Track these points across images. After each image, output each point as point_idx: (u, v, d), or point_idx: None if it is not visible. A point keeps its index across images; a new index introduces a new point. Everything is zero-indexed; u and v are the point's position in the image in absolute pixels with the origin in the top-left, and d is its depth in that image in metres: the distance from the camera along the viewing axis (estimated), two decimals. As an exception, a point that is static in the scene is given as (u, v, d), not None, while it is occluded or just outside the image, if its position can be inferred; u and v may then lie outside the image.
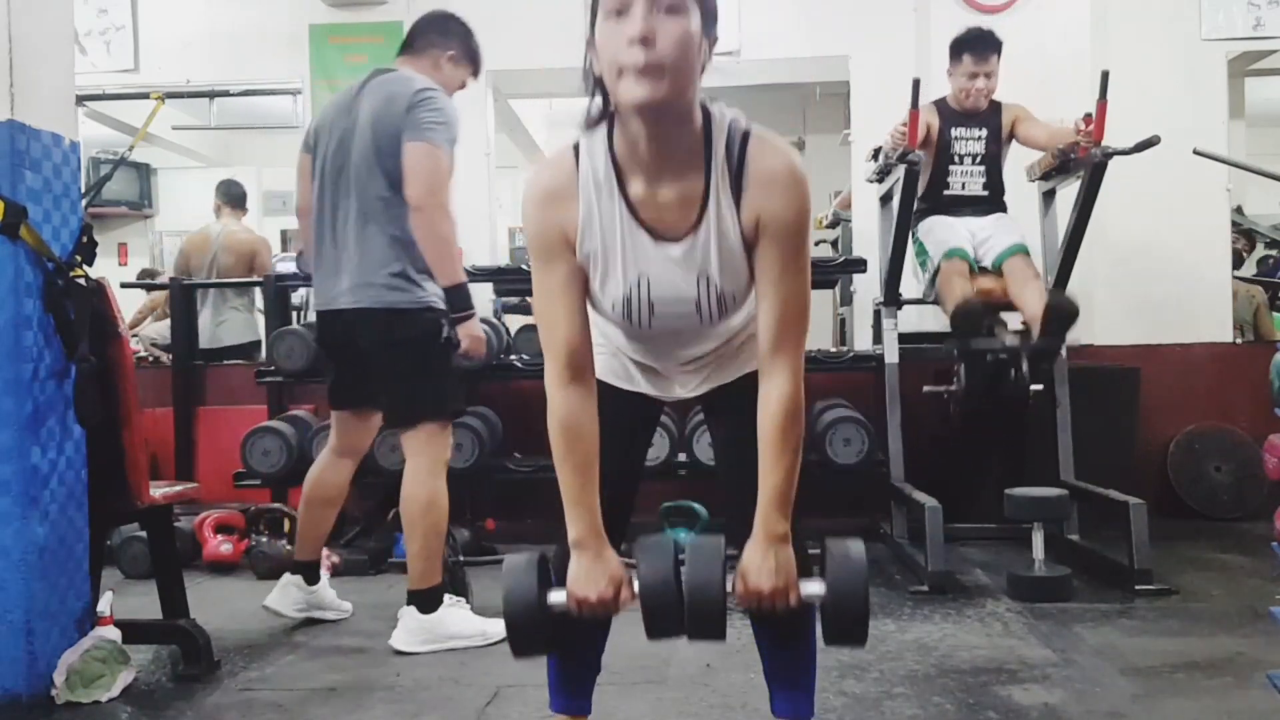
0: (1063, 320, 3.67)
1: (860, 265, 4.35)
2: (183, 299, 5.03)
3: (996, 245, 4.03)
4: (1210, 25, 4.95)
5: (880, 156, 4.13)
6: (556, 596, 1.61)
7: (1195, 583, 3.49)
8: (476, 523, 4.31)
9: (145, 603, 2.98)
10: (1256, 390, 3.25)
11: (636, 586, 1.58)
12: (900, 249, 4.11)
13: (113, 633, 2.60)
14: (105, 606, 2.63)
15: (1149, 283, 4.93)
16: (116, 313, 2.65)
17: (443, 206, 2.87)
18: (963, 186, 4.16)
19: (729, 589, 1.56)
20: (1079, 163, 3.80)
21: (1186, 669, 2.62)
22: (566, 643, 1.79)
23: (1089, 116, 3.70)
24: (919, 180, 3.94)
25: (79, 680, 2.48)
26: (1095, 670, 2.62)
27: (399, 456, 3.09)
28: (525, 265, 4.56)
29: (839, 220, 6.50)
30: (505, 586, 1.60)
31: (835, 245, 6.65)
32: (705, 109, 1.55)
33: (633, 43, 1.42)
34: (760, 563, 1.56)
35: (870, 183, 4.43)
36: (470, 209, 5.21)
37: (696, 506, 4.10)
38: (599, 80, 1.52)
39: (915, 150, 3.76)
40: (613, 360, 1.80)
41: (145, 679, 2.69)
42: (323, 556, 3.28)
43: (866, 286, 4.89)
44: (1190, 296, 4.94)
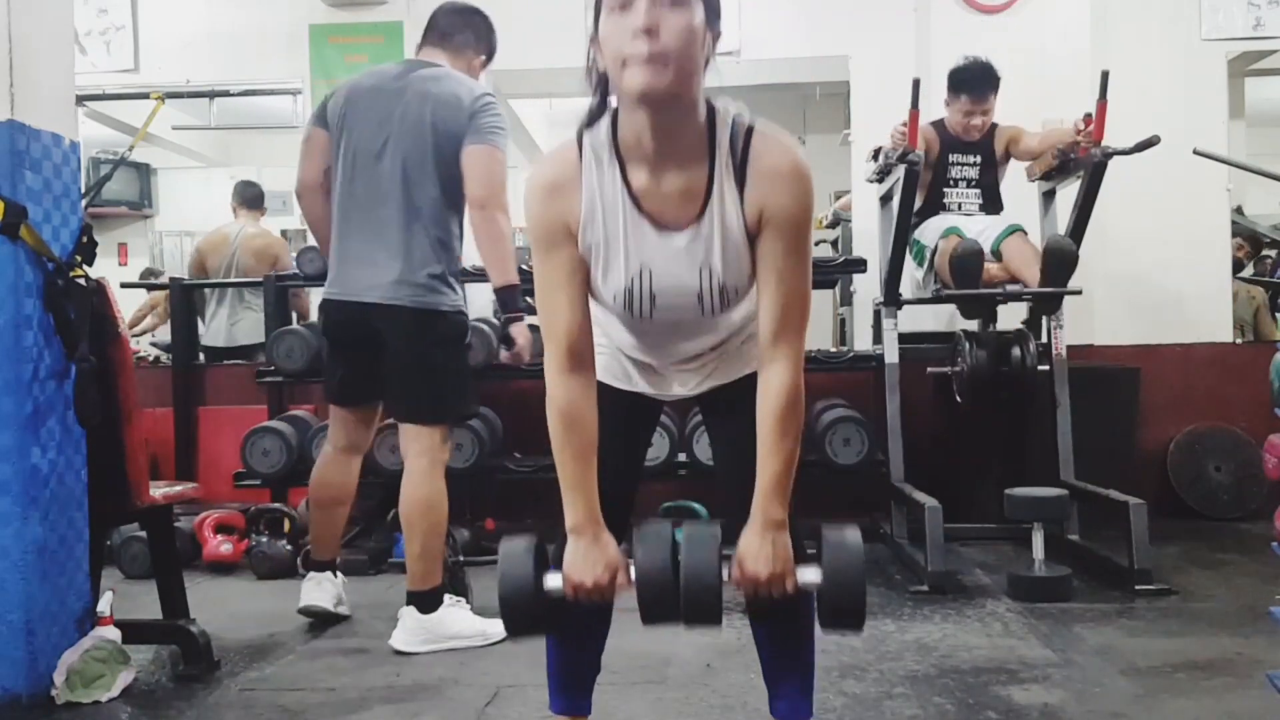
0: (1062, 263, 3.73)
1: (860, 265, 4.35)
2: (183, 299, 5.03)
3: (994, 230, 4.06)
4: (1210, 25, 4.96)
5: (880, 156, 4.12)
6: (553, 580, 1.61)
7: (1195, 583, 3.49)
8: (476, 523, 4.31)
9: (145, 603, 2.98)
10: (1256, 390, 3.25)
11: (633, 573, 1.57)
12: (900, 249, 4.11)
13: (113, 633, 2.60)
14: (105, 606, 2.63)
15: (1149, 283, 4.93)
16: (116, 313, 2.65)
17: (504, 207, 2.95)
18: (959, 208, 4.20)
19: (725, 576, 1.56)
20: (1079, 163, 3.80)
21: (1186, 669, 2.62)
22: (566, 632, 1.79)
23: (1089, 116, 3.70)
24: (916, 194, 3.95)
25: (79, 680, 2.48)
26: (1095, 670, 2.62)
27: (399, 457, 3.09)
28: (525, 265, 4.55)
29: (839, 220, 6.50)
30: (501, 568, 1.60)
31: (835, 245, 6.65)
32: (709, 103, 1.56)
33: (637, 34, 1.43)
34: (758, 549, 1.57)
35: (870, 183, 4.43)
36: (470, 209, 5.21)
37: (696, 506, 4.11)
38: (602, 76, 1.53)
39: (915, 150, 3.77)
40: (611, 361, 1.80)
41: (145, 679, 2.69)
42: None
43: (866, 286, 4.88)
44: (1190, 296, 4.94)
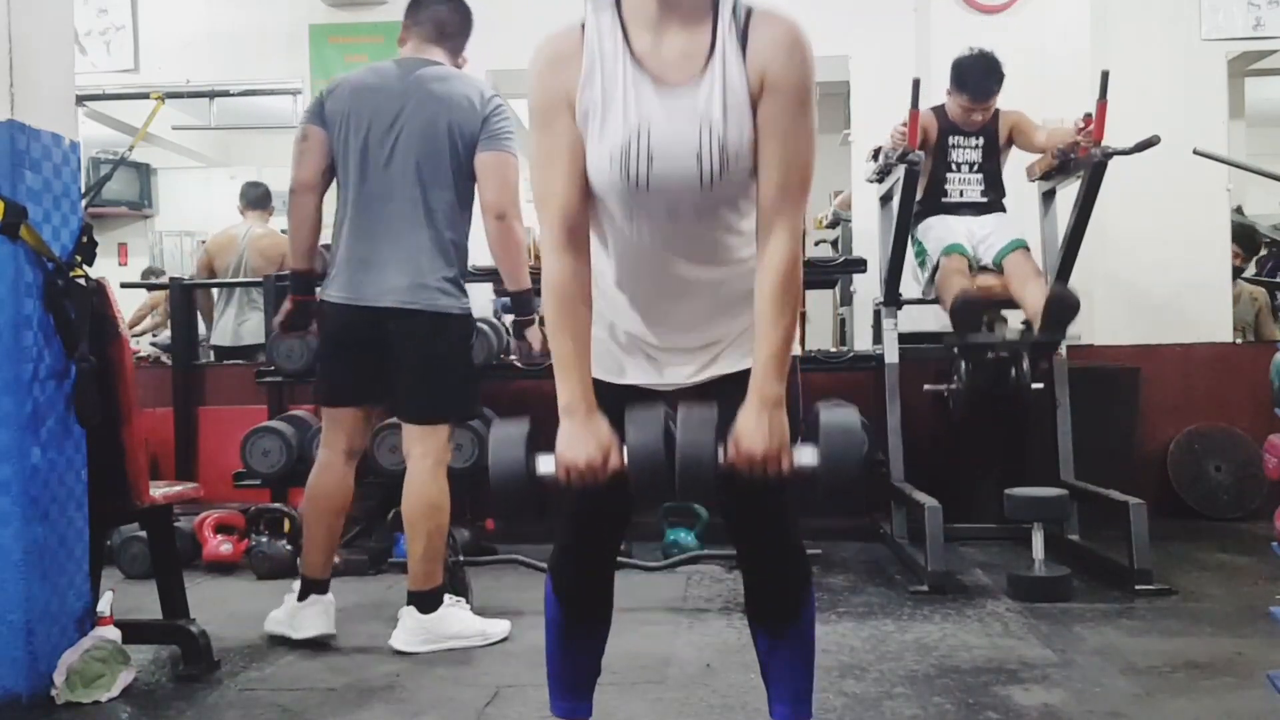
0: (1064, 312, 3.66)
1: (860, 265, 4.35)
2: (183, 299, 5.03)
3: (996, 242, 4.04)
4: (1210, 25, 4.96)
5: (880, 156, 4.12)
6: (545, 464, 1.58)
7: (1195, 583, 3.49)
8: (476, 523, 4.31)
9: (145, 603, 2.98)
10: (1256, 390, 3.25)
11: (626, 455, 1.55)
12: (900, 249, 4.11)
13: (113, 633, 2.60)
14: (105, 606, 2.62)
15: (1149, 283, 4.93)
16: (116, 313, 2.65)
17: (520, 215, 2.95)
18: (960, 194, 4.17)
19: (720, 458, 1.53)
20: (1079, 163, 3.80)
21: (1186, 669, 2.62)
22: (568, 533, 1.77)
23: (1089, 116, 3.70)
24: (917, 184, 3.94)
25: (79, 680, 2.48)
26: (1095, 670, 2.62)
27: (399, 457, 3.08)
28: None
29: (839, 220, 6.49)
30: (493, 452, 1.57)
31: (835, 245, 6.65)
32: None
33: None
34: (754, 425, 1.54)
35: (870, 183, 4.43)
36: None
37: (696, 506, 4.10)
38: None
39: (915, 150, 3.77)
40: (603, 353, 1.76)
41: (145, 679, 2.69)
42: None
43: (866, 286, 4.88)
44: (1190, 296, 4.94)
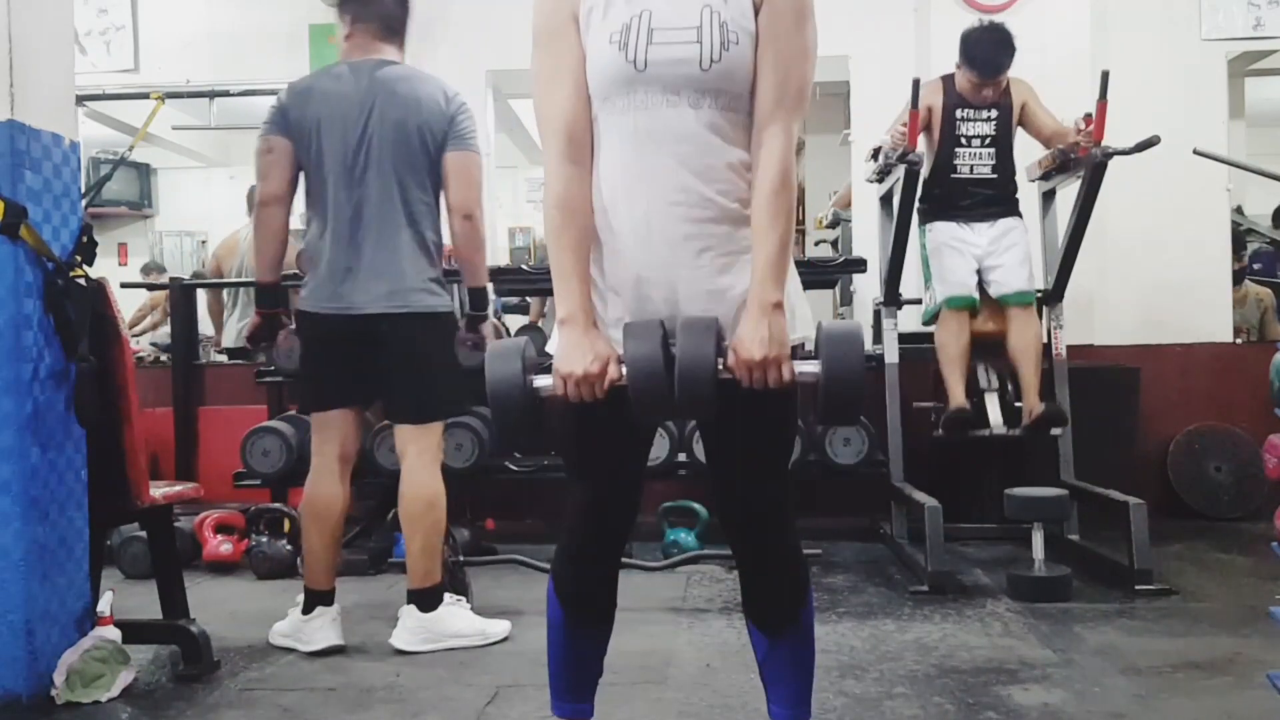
0: (1052, 425, 3.90)
1: (860, 265, 4.35)
2: (183, 299, 5.03)
3: (1004, 283, 3.98)
4: (1210, 25, 4.96)
5: (880, 156, 4.11)
6: (542, 380, 1.57)
7: (1195, 583, 3.49)
8: (476, 523, 4.31)
9: (145, 603, 2.98)
10: (1256, 390, 3.25)
11: (624, 368, 1.54)
12: (900, 249, 4.10)
13: (113, 633, 2.60)
14: (105, 606, 2.63)
15: (1149, 283, 4.93)
16: (116, 313, 2.65)
17: (483, 213, 3.03)
18: (971, 170, 4.02)
19: (720, 366, 1.52)
20: (1079, 163, 3.80)
21: (1186, 669, 2.62)
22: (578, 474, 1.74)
23: (1089, 116, 3.70)
24: (925, 163, 3.91)
25: (79, 680, 2.48)
26: (1095, 670, 2.62)
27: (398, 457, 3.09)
28: (525, 265, 4.58)
29: (839, 220, 6.50)
30: (490, 369, 1.56)
31: (835, 245, 6.65)
32: None
33: None
34: (754, 332, 1.53)
35: (870, 183, 4.43)
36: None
37: (696, 506, 4.10)
38: None
39: (915, 150, 3.76)
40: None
41: (145, 679, 2.69)
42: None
43: (866, 286, 4.89)
44: (1190, 296, 4.94)
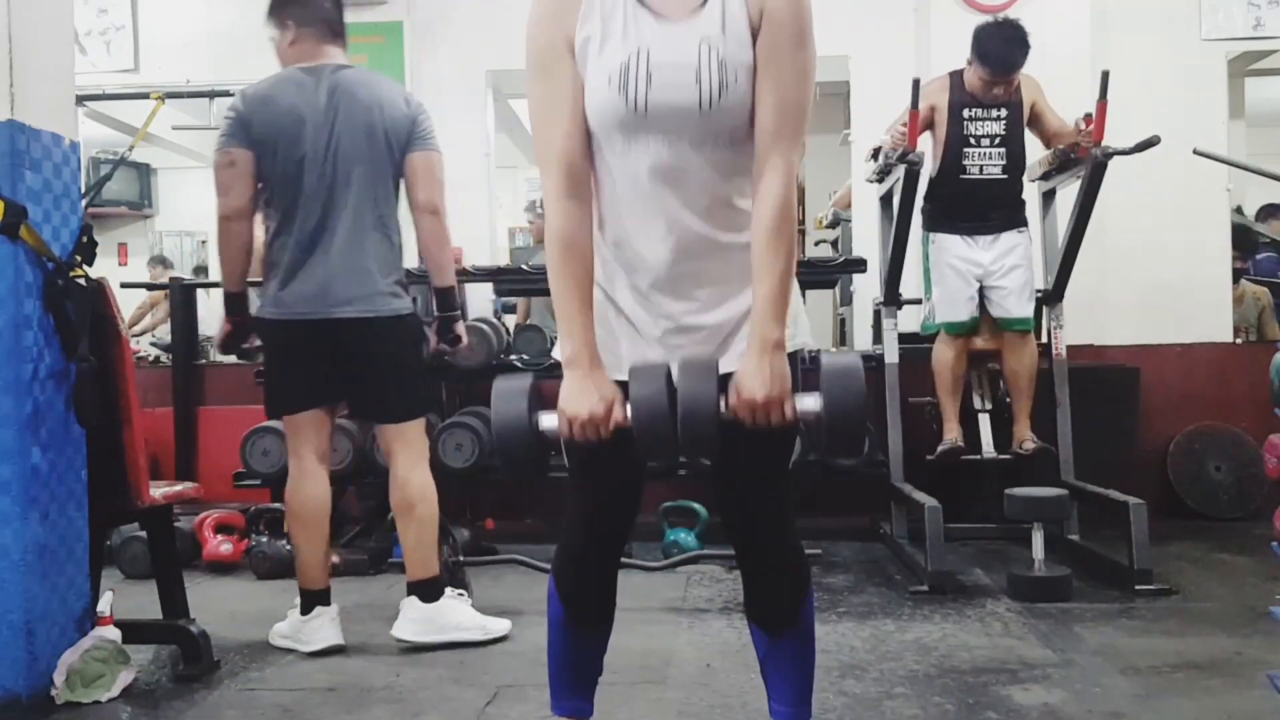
0: (1041, 461, 3.99)
1: (860, 265, 4.34)
2: (183, 299, 5.04)
3: (1006, 307, 3.97)
4: (1210, 25, 4.96)
5: (880, 156, 4.11)
6: (547, 419, 1.57)
7: (1195, 583, 3.49)
8: (476, 523, 4.31)
9: (145, 603, 2.98)
10: (1256, 390, 3.26)
11: (629, 409, 1.53)
12: (900, 249, 4.10)
13: (113, 633, 2.60)
14: (105, 606, 2.63)
15: (1149, 283, 4.93)
16: (116, 313, 2.66)
17: (447, 212, 3.04)
18: (980, 170, 3.96)
19: (722, 407, 1.52)
20: (1079, 163, 3.80)
21: (1186, 669, 2.62)
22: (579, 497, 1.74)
23: (1089, 116, 3.70)
24: (930, 163, 3.91)
25: (79, 680, 2.48)
26: (1095, 670, 2.62)
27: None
28: (525, 265, 4.56)
29: (839, 220, 6.49)
30: (496, 410, 1.56)
31: (835, 245, 6.65)
32: None
33: None
34: (755, 371, 1.52)
35: (870, 183, 4.43)
36: (470, 209, 5.21)
37: (696, 506, 4.10)
38: None
39: (915, 150, 3.76)
40: (605, 353, 1.74)
41: (145, 679, 2.69)
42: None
43: (866, 286, 4.89)
44: (1190, 296, 4.94)
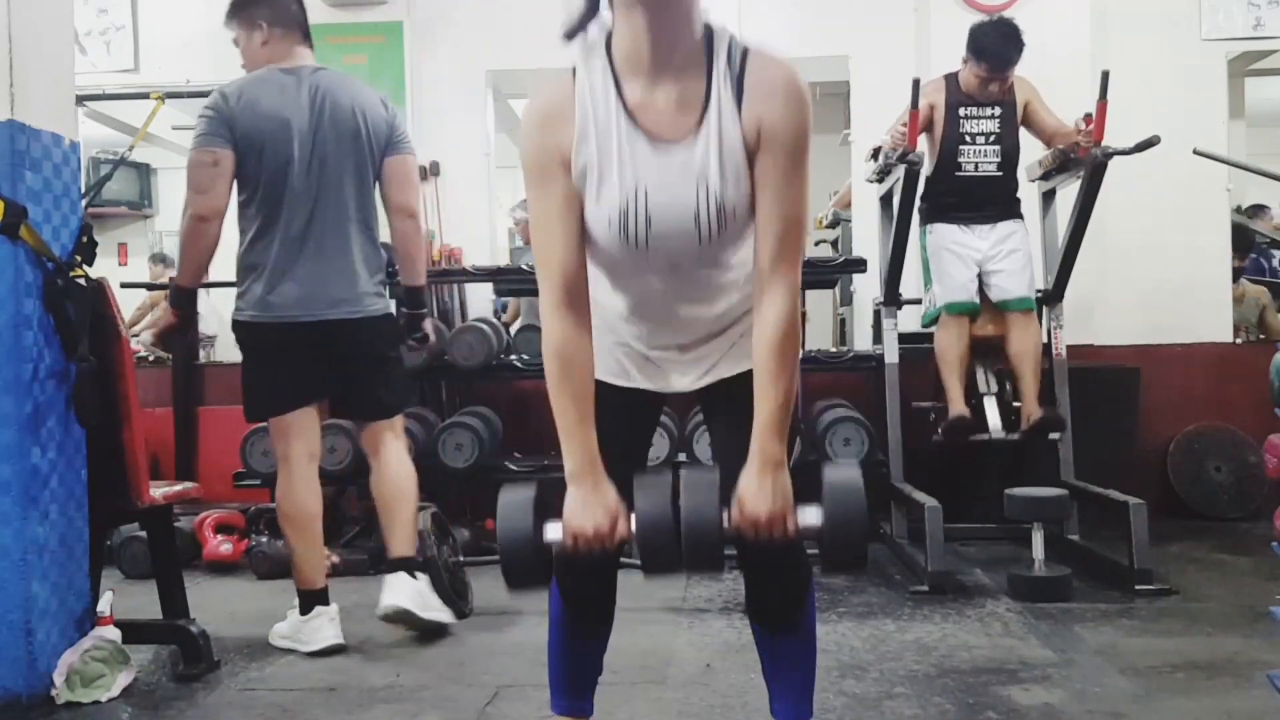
0: (1050, 430, 3.95)
1: (860, 265, 4.34)
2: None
3: (1005, 288, 3.97)
4: (1210, 25, 4.96)
5: (880, 156, 4.11)
6: (553, 531, 1.58)
7: (1195, 583, 3.50)
8: (476, 523, 4.31)
9: (145, 603, 2.98)
10: (1256, 390, 3.25)
11: (633, 522, 1.54)
12: (900, 249, 4.10)
13: (113, 633, 2.60)
14: (105, 606, 2.63)
15: (1149, 283, 4.93)
16: (116, 313, 2.66)
17: (421, 213, 3.16)
18: (975, 168, 3.99)
19: (726, 522, 1.53)
20: (1079, 163, 3.80)
21: (1186, 669, 2.62)
22: (570, 593, 1.77)
23: (1089, 116, 3.70)
24: (926, 162, 3.91)
25: (79, 680, 2.48)
26: (1095, 670, 2.62)
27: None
28: (525, 265, 4.55)
29: (839, 220, 6.49)
30: (500, 519, 1.57)
31: (835, 245, 6.65)
32: (707, 24, 1.56)
33: None
34: (757, 488, 1.53)
35: (870, 183, 4.43)
36: (470, 209, 5.22)
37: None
38: None
39: (915, 150, 3.76)
40: (608, 358, 1.77)
41: (145, 679, 2.69)
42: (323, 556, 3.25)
43: (866, 286, 4.89)
44: (1190, 296, 4.94)
